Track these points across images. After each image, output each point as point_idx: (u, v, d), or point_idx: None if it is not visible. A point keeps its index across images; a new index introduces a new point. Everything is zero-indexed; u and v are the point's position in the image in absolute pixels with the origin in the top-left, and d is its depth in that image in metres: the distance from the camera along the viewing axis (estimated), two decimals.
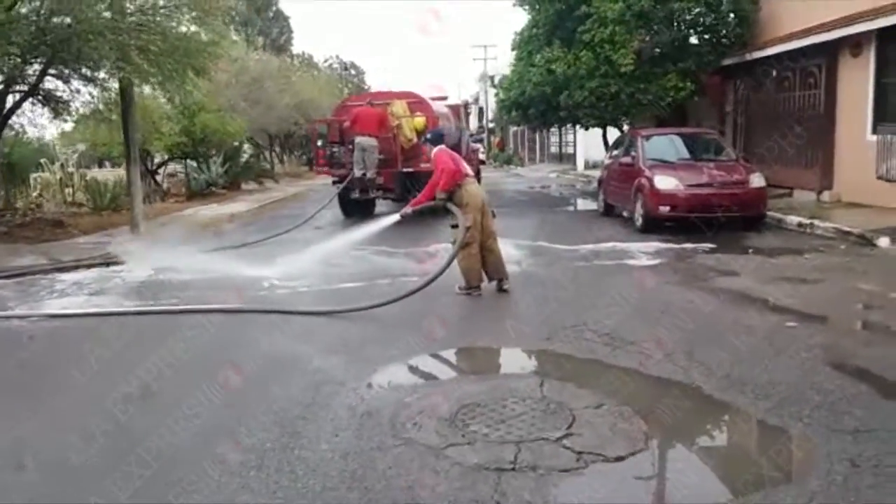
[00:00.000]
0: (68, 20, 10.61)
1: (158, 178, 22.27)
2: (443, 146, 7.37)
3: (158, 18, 11.93)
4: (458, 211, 6.95)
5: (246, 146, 29.67)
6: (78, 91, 12.97)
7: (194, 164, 22.78)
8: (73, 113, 13.88)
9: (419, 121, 13.92)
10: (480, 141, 55.15)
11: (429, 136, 7.91)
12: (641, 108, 15.49)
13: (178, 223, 14.17)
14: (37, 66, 11.90)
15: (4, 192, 15.75)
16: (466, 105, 20.07)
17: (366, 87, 57.63)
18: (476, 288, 7.07)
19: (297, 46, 56.20)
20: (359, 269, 8.45)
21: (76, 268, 9.26)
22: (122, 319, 6.65)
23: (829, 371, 4.47)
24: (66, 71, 11.89)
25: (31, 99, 12.74)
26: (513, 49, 17.81)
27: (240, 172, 25.33)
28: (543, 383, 4.37)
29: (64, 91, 13.20)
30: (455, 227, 6.97)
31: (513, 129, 46.71)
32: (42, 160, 20.02)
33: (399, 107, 14.10)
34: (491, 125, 52.04)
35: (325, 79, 48.37)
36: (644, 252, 9.30)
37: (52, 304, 7.34)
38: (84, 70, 11.78)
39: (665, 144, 12.32)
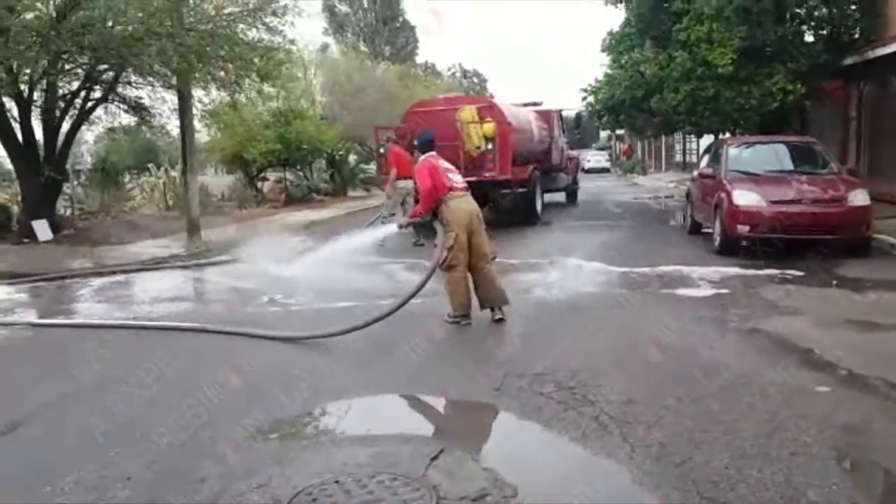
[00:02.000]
0: (130, 28, 10.68)
1: (261, 184, 22.80)
2: (430, 154, 6.35)
3: (222, 24, 11.85)
4: (440, 230, 6.11)
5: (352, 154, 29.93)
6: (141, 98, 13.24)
7: (296, 170, 23.20)
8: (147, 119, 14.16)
9: (488, 127, 13.11)
10: (604, 149, 53.26)
11: (416, 141, 6.76)
12: (743, 114, 13.75)
13: (247, 229, 14.07)
14: (110, 73, 12.21)
15: (100, 194, 16.47)
16: (560, 112, 18.84)
17: (488, 94, 57.36)
18: (464, 316, 6.16)
19: (423, 55, 56.83)
20: (367, 285, 7.77)
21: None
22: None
23: (838, 470, 3.26)
24: (133, 77, 12.10)
25: (107, 103, 13.10)
26: (603, 51, 16.53)
27: (345, 179, 25.55)
28: (439, 456, 3.47)
29: (139, 97, 13.54)
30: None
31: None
32: (150, 164, 21.00)
33: (467, 112, 13.34)
34: (620, 132, 49.87)
35: (446, 87, 48.28)
36: (707, 279, 8.00)
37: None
38: (148, 76, 11.90)
39: (755, 154, 10.74)
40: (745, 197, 9.37)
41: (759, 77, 13.60)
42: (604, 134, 53.07)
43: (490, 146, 13.01)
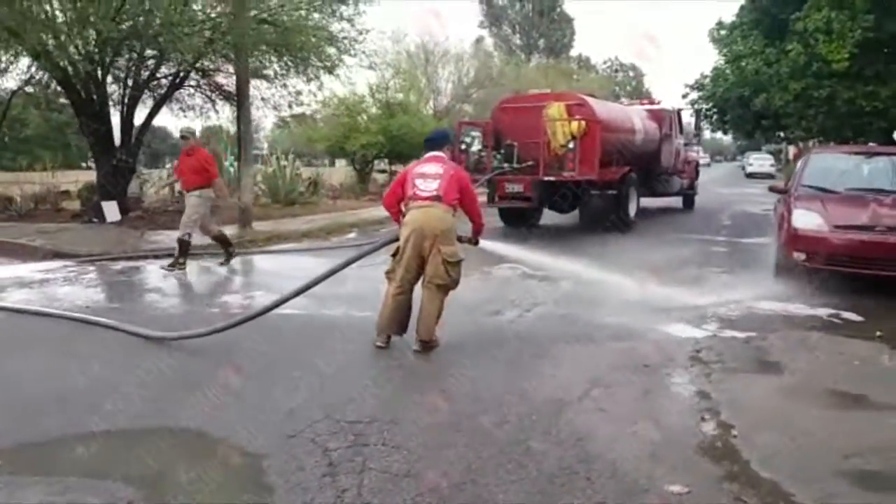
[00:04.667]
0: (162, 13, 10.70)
1: (373, 176, 22.92)
2: (429, 154, 5.58)
3: (281, 13, 11.76)
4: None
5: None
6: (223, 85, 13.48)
7: (405, 163, 23.10)
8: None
9: (575, 125, 12.33)
10: (773, 153, 48.75)
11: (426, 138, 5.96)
12: (865, 118, 11.60)
13: (304, 222, 13.97)
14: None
15: None
16: (679, 111, 17.20)
17: (645, 90, 54.43)
18: (379, 336, 5.43)
19: (578, 48, 55.14)
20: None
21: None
22: None
23: None
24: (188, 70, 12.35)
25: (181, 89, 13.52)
26: (711, 41, 14.61)
27: None
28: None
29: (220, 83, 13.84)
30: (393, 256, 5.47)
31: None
32: (263, 153, 21.73)
33: (555, 109, 12.69)
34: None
35: (597, 81, 46.50)
36: (720, 317, 6.57)
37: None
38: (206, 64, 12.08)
39: (842, 168, 8.91)
40: (804, 218, 7.75)
41: (888, 76, 11.38)
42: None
43: (573, 145, 12.26)
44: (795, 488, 3.17)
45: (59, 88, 12.87)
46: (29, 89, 13.76)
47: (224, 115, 15.44)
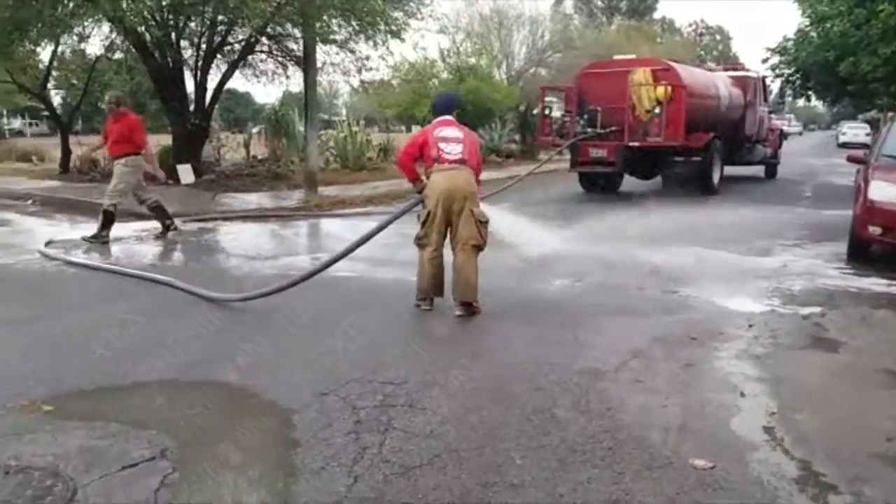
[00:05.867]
0: None
1: None
2: (438, 120, 5.62)
3: None
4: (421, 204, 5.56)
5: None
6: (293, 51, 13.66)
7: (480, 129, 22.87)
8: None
9: (661, 90, 12.42)
10: (870, 122, 45.90)
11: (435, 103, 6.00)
12: None
13: (371, 187, 14.12)
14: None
15: (271, 146, 17.58)
16: (763, 79, 16.58)
17: (732, 54, 52.06)
18: (424, 300, 5.54)
19: (662, 10, 53.15)
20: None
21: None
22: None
23: None
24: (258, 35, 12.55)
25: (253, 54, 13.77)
26: (795, 1, 13.79)
27: (535, 140, 24.72)
28: (166, 453, 3.10)
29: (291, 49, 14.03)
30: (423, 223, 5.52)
31: None
32: (335, 118, 21.97)
33: (640, 74, 12.82)
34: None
35: (681, 44, 44.82)
36: (801, 292, 6.31)
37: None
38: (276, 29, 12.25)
39: None
40: (881, 190, 7.32)
41: None
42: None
43: (659, 111, 12.23)
44: (827, 469, 3.05)
45: (136, 53, 13.31)
46: (111, 55, 14.30)
47: (296, 81, 15.66)
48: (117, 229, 8.80)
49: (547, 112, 14.69)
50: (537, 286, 6.29)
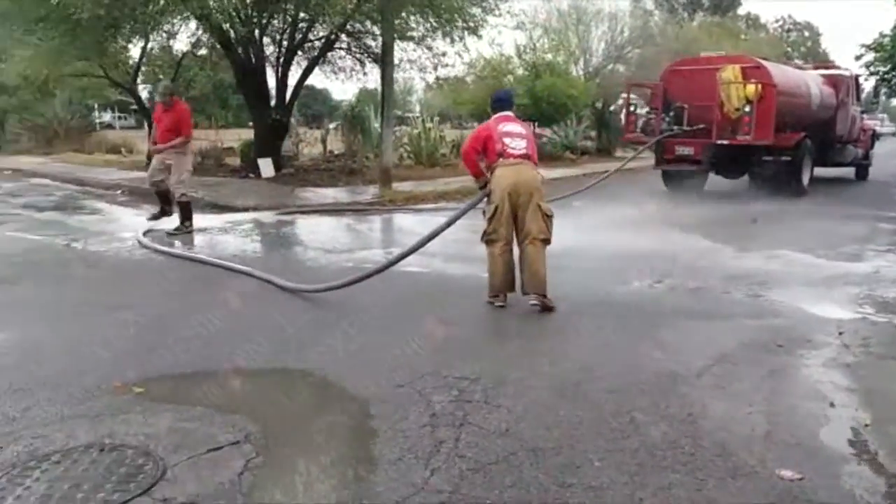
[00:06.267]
0: None
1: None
2: (498, 115, 5.67)
3: None
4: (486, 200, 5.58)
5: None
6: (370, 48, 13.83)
7: (554, 126, 22.64)
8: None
9: (750, 88, 12.15)
10: None
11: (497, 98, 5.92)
12: None
13: (444, 183, 14.14)
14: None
15: (347, 141, 17.90)
16: (856, 77, 15.91)
17: (821, 51, 49.91)
18: (497, 297, 5.53)
19: (746, 5, 51.35)
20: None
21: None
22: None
23: None
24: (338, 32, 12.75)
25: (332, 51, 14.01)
26: None
27: (612, 137, 24.29)
28: (249, 437, 3.21)
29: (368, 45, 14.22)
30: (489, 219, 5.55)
31: None
32: (408, 114, 22.14)
33: (729, 72, 12.65)
34: None
35: (766, 41, 43.32)
36: (894, 301, 6.03)
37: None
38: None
39: None
40: None
41: None
42: None
43: (749, 109, 12.06)
44: None
45: (221, 49, 13.73)
46: (196, 52, 14.80)
47: (373, 78, 15.88)
48: (205, 220, 9.13)
49: (632, 108, 14.55)
50: (615, 287, 6.18)
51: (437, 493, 2.79)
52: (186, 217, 8.67)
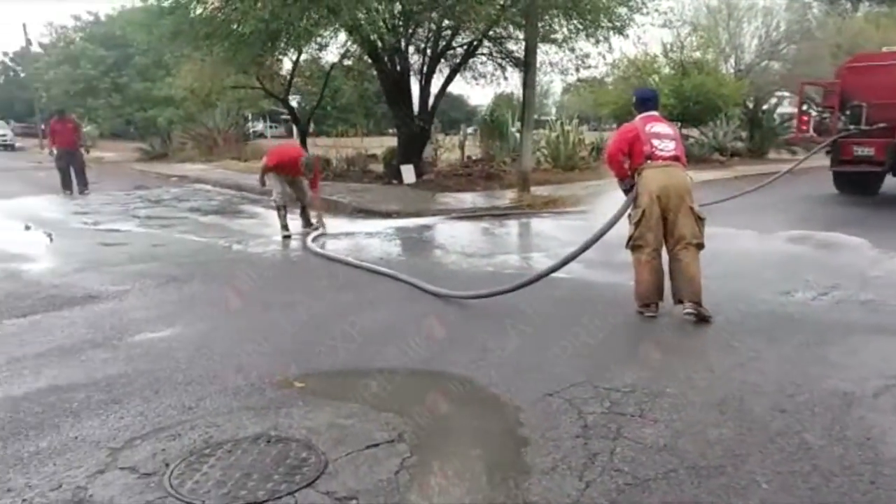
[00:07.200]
0: None
1: None
2: (643, 115, 5.46)
3: None
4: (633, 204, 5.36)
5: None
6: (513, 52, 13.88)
7: (704, 126, 21.67)
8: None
9: None
10: None
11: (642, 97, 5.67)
12: None
13: (583, 187, 13.88)
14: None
15: (485, 146, 18.03)
16: None
17: None
18: (648, 306, 5.33)
19: None
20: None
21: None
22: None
23: None
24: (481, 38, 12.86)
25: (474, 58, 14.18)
26: None
27: (764, 138, 22.88)
28: (403, 436, 3.32)
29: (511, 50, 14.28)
30: (636, 224, 5.38)
31: None
32: (544, 117, 21.98)
33: None
34: None
35: None
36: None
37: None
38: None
39: None
40: None
41: None
42: None
43: None
44: None
45: (368, 60, 14.24)
46: (345, 62, 15.44)
47: (512, 82, 15.92)
48: (353, 225, 9.51)
49: (805, 107, 13.68)
50: (778, 298, 5.80)
51: None
52: (307, 224, 9.58)
